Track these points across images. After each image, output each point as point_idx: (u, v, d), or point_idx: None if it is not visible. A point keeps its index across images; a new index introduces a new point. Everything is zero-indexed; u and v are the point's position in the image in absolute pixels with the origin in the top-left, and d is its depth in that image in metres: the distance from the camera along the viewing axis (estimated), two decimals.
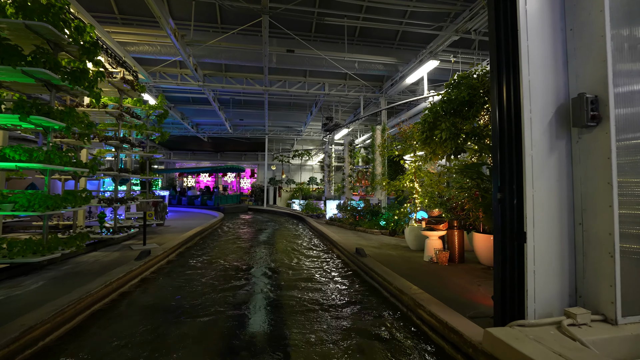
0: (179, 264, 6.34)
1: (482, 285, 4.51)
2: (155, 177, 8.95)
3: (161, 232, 9.33)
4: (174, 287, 4.89)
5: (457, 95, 6.15)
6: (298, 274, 5.71)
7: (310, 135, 23.26)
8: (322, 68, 11.29)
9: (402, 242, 8.38)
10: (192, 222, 12.31)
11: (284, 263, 6.47)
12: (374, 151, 13.69)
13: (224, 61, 10.74)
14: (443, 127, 5.83)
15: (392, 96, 13.18)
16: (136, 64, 9.72)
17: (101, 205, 5.99)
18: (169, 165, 30.41)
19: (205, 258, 6.82)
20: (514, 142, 2.84)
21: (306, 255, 7.21)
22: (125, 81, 6.05)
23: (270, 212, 20.00)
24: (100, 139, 5.85)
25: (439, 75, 11.96)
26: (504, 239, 2.90)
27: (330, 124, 15.06)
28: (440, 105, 6.19)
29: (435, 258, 5.76)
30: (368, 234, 10.09)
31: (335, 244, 7.71)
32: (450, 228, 5.94)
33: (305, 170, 32.47)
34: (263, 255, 7.22)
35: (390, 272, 4.72)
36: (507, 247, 2.86)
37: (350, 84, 13.24)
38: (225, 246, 8.30)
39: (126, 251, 6.58)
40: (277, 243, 8.84)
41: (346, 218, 12.35)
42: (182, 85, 11.99)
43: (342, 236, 8.98)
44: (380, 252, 6.89)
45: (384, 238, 9.13)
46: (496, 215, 2.98)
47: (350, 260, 6.20)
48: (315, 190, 27.23)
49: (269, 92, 12.48)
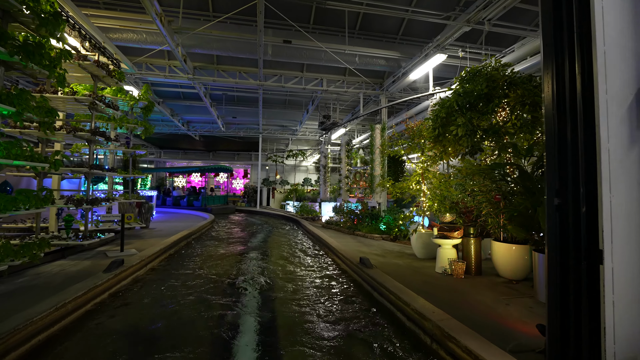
0: (157, 275, 5.54)
1: (510, 304, 3.86)
2: (140, 175, 8.17)
3: (144, 236, 8.53)
4: (147, 310, 4.08)
5: (473, 87, 5.54)
6: (295, 292, 4.92)
7: (306, 135, 22.57)
8: (321, 62, 10.62)
9: (406, 248, 7.74)
10: (180, 224, 11.51)
11: (279, 277, 5.66)
12: (373, 151, 13.07)
13: (216, 52, 10.00)
14: (459, 122, 5.19)
15: (393, 94, 12.57)
16: (118, 52, 8.94)
17: (68, 206, 5.20)
18: (159, 164, 29.43)
19: (189, 267, 6.04)
20: (581, 131, 2.19)
21: (303, 266, 6.46)
22: (100, 64, 5.29)
23: (263, 214, 19.23)
24: (68, 131, 5.07)
25: (442, 73, 11.38)
26: (566, 257, 2.24)
27: (327, 123, 14.39)
28: (455, 99, 5.56)
29: (449, 270, 5.11)
30: (368, 239, 9.42)
31: (335, 251, 7.02)
32: (465, 236, 5.30)
33: (300, 171, 31.76)
34: (255, 265, 6.43)
35: (404, 288, 4.04)
36: (570, 269, 2.20)
37: (350, 80, 12.59)
38: (213, 253, 7.53)
39: (99, 259, 5.80)
40: (271, 250, 8.09)
41: (344, 221, 11.68)
42: (170, 78, 11.21)
43: (341, 242, 8.30)
44: (386, 261, 6.22)
45: (385, 244, 8.48)
46: (552, 226, 2.32)
47: (354, 271, 5.50)
48: (310, 192, 26.51)
49: (263, 87, 11.77)
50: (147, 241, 7.58)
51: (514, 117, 5.24)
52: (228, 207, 20.46)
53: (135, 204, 10.65)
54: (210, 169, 22.04)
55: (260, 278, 5.46)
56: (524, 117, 5.25)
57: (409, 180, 7.24)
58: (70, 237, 5.54)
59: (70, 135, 5.07)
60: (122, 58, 9.07)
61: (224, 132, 21.09)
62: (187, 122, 20.61)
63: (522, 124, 5.14)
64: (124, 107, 8.20)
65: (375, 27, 10.76)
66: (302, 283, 5.29)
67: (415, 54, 10.31)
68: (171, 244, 7.14)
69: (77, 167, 5.34)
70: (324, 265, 6.57)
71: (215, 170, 22.24)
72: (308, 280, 5.53)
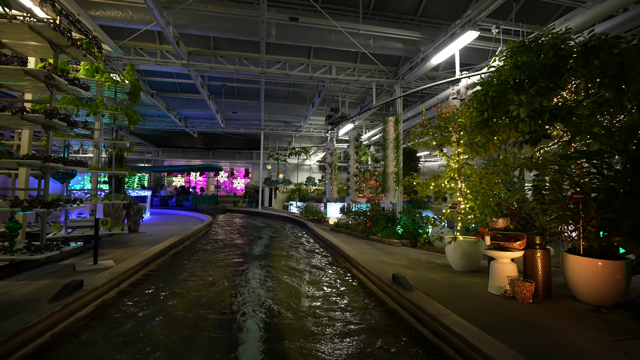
0: (129, 302, 4.12)
1: (629, 352, 2.67)
2: (122, 172, 7.00)
3: (129, 243, 7.37)
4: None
5: (532, 59, 4.36)
6: (313, 333, 3.40)
7: (310, 131, 21.37)
8: (330, 45, 9.45)
9: (435, 257, 6.56)
10: (173, 228, 10.34)
11: (289, 305, 4.18)
12: (386, 146, 11.88)
13: (213, 33, 8.84)
14: (522, 99, 4.00)
15: (409, 83, 11.37)
16: (100, 31, 7.80)
17: (14, 210, 4.02)
18: (157, 163, 28.30)
19: (173, 288, 4.72)
20: None
21: (319, 287, 5.04)
22: (60, 30, 4.11)
23: (265, 215, 18.04)
24: (14, 112, 3.84)
25: (467, 58, 10.17)
26: None
27: (335, 116, 13.21)
28: (510, 73, 4.37)
29: (510, 291, 3.92)
30: (386, 244, 8.25)
31: (354, 263, 5.83)
32: (529, 247, 4.11)
33: (303, 170, 30.60)
34: (257, 286, 5.02)
35: (477, 331, 2.84)
36: None
37: (361, 67, 11.40)
38: (207, 266, 6.29)
39: (62, 275, 4.64)
40: (276, 262, 6.76)
41: (355, 224, 10.50)
42: (162, 65, 10.05)
43: (357, 249, 7.12)
44: (418, 275, 5.03)
45: (408, 252, 7.30)
46: None
47: (387, 293, 4.22)
48: (313, 192, 25.35)
49: (266, 74, 10.59)
50: (131, 250, 6.41)
51: (593, 94, 4.04)
52: (218, 207, 20.05)
53: (123, 205, 9.52)
54: (198, 167, 21.45)
55: (264, 309, 4.04)
56: (602, 94, 4.06)
57: (442, 177, 6.05)
58: (20, 250, 4.36)
59: (17, 117, 3.90)
60: (104, 38, 7.93)
61: (223, 129, 19.93)
62: (185, 118, 19.46)
63: (603, 103, 3.95)
64: (109, 94, 7.06)
65: (391, 7, 9.60)
66: (321, 320, 3.80)
67: (437, 36, 9.12)
68: (156, 254, 5.95)
69: (25, 160, 4.10)
70: (345, 284, 5.23)
71: (204, 169, 21.72)
72: (330, 312, 4.01)
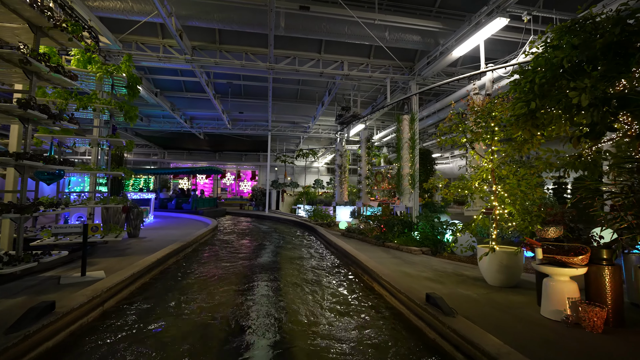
0: (112, 327, 3.43)
1: None
2: (116, 173, 6.43)
3: (127, 250, 6.80)
4: None
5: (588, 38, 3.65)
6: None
7: (319, 132, 20.74)
8: (343, 38, 8.82)
9: (462, 268, 5.85)
10: (176, 232, 9.78)
11: (306, 336, 3.42)
12: (401, 146, 11.16)
13: (218, 25, 8.27)
14: (587, 82, 3.30)
15: (426, 79, 10.67)
16: (99, 23, 7.30)
17: None
18: (163, 165, 27.96)
19: (166, 309, 4.03)
20: None
21: (339, 310, 4.16)
22: (39, 7, 3.55)
23: (273, 219, 17.41)
24: None
25: (489, 53, 9.43)
26: None
27: (346, 115, 12.56)
28: (566, 53, 3.67)
29: (574, 317, 3.20)
30: (404, 252, 7.54)
31: (374, 276, 5.14)
32: (594, 262, 3.38)
33: (311, 173, 30.00)
34: (265, 305, 4.30)
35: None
36: None
37: (375, 63, 10.75)
38: (208, 278, 5.67)
39: (43, 290, 4.06)
40: (286, 274, 6.00)
41: (369, 229, 9.80)
42: (165, 61, 9.52)
43: (374, 258, 6.43)
44: (449, 291, 4.33)
45: (431, 261, 6.58)
46: None
47: (422, 318, 3.43)
48: (321, 195, 24.66)
49: (274, 70, 10.00)
50: (125, 259, 5.82)
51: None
52: (218, 209, 19.90)
53: (122, 208, 8.98)
54: (199, 170, 21.37)
55: (271, 341, 3.35)
56: None
57: (473, 179, 5.34)
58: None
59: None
60: (101, 30, 7.42)
61: (230, 130, 19.42)
62: (191, 119, 19.00)
63: None
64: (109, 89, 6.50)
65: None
66: (345, 354, 3.17)
67: (457, 27, 8.44)
68: (151, 265, 5.34)
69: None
70: (369, 304, 4.48)
71: (204, 171, 21.67)
72: (358, 345, 3.27)
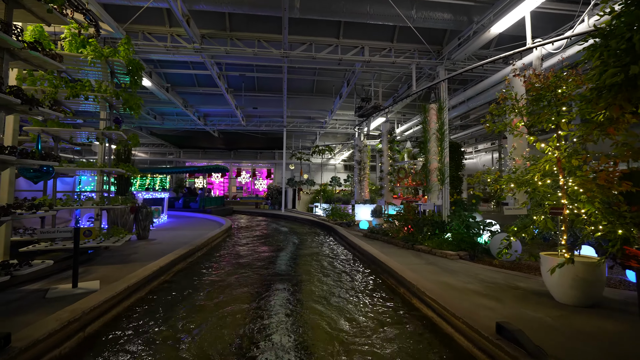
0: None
1: None
2: (116, 170, 5.82)
3: (131, 255, 6.20)
4: None
5: None
6: None
7: (336, 127, 19.89)
8: (364, 18, 7.95)
9: (512, 277, 4.92)
10: (187, 233, 9.18)
11: None
12: (427, 138, 10.18)
13: (228, 8, 7.56)
14: None
15: (456, 63, 9.66)
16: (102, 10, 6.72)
17: None
18: (179, 164, 27.81)
19: (159, 341, 3.19)
20: None
21: (373, 341, 3.28)
22: None
23: (289, 218, 16.71)
24: None
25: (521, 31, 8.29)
26: None
27: (367, 107, 11.66)
28: None
29: None
30: (438, 257, 6.62)
31: (413, 290, 4.27)
32: None
33: (327, 170, 29.19)
34: (284, 333, 3.46)
35: None
36: None
37: (399, 47, 9.81)
38: (217, 290, 4.90)
39: (20, 308, 3.42)
40: (307, 287, 5.10)
41: (395, 230, 8.91)
42: (173, 51, 8.91)
43: (406, 264, 5.57)
44: (511, 312, 3.43)
45: (472, 268, 5.67)
46: None
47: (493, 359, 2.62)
48: (339, 192, 23.81)
49: (288, 58, 9.22)
50: (126, 266, 5.18)
51: None
52: (225, 208, 19.95)
53: (130, 209, 8.44)
54: (205, 169, 21.53)
55: None
56: None
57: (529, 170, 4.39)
58: None
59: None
60: (102, 16, 6.82)
61: (244, 127, 18.85)
62: (204, 116, 18.54)
63: None
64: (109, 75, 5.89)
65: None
66: None
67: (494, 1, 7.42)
68: (151, 275, 4.67)
69: None
70: (411, 330, 3.55)
71: (210, 170, 21.98)
72: None
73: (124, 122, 17.84)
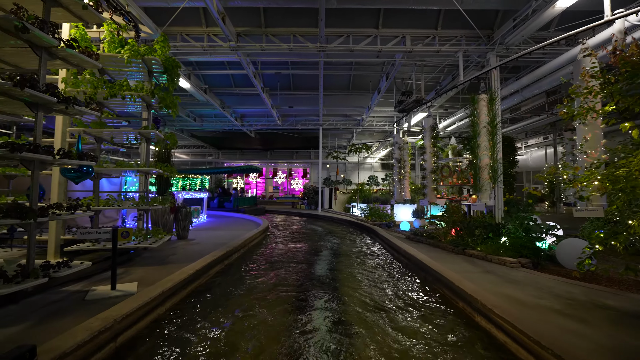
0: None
1: None
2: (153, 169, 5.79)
3: (169, 257, 6.16)
4: None
5: None
6: None
7: (373, 125, 19.22)
8: (406, 4, 7.36)
9: (594, 293, 4.13)
10: (225, 234, 9.14)
11: None
12: (477, 132, 9.29)
13: (263, 3, 7.35)
14: None
15: (509, 48, 8.70)
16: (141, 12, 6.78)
17: None
18: (218, 164, 28.63)
19: (194, 342, 3.13)
20: None
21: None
22: None
23: (327, 219, 16.36)
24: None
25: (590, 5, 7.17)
26: None
27: (408, 101, 10.96)
28: None
29: None
30: (494, 264, 5.88)
31: (476, 306, 3.68)
32: None
33: (364, 169, 28.51)
34: None
35: None
36: None
37: (443, 34, 9.04)
38: (253, 298, 4.61)
39: (59, 310, 3.35)
40: (351, 298, 4.61)
41: (442, 233, 8.19)
42: (209, 51, 8.89)
43: (460, 272, 4.94)
44: (609, 343, 2.74)
45: (538, 278, 4.90)
46: None
47: None
48: (377, 192, 23.05)
49: (325, 52, 8.84)
50: (165, 268, 5.10)
51: None
52: (257, 208, 20.30)
53: (170, 209, 8.54)
54: (238, 169, 21.94)
55: None
56: None
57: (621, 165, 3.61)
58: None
59: None
60: (142, 18, 6.88)
61: (280, 127, 18.83)
62: (241, 117, 18.77)
63: None
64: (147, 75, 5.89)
65: None
66: None
67: None
68: (190, 277, 4.50)
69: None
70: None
71: (242, 171, 22.44)
72: None
73: (167, 124, 18.43)
